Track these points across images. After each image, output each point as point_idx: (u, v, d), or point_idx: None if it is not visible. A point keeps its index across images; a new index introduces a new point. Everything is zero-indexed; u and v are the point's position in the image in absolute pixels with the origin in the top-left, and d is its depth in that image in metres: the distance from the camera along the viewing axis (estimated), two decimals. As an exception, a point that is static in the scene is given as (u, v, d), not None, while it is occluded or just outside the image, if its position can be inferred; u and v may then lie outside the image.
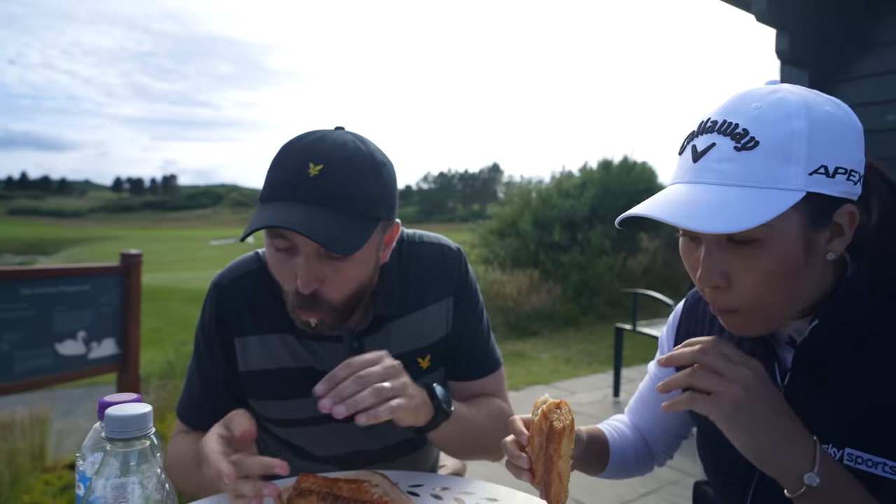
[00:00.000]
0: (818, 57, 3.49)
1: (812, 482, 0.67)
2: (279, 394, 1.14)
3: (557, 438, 0.80)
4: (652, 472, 1.15)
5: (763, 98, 0.72)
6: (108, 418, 0.52)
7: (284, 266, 0.99)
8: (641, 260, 9.69)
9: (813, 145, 0.68)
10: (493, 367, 1.24)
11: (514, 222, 9.95)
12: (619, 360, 4.83)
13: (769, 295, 0.73)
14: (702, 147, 0.73)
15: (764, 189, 0.68)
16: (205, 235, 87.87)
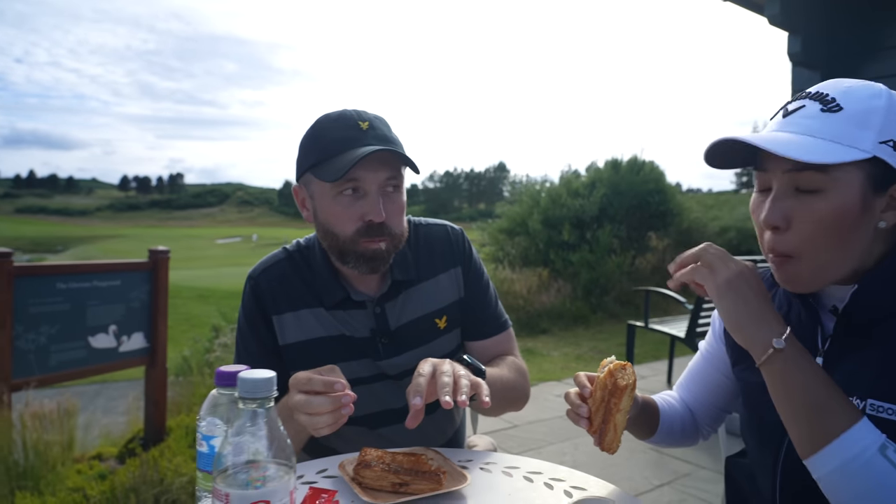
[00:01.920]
0: (829, 59, 3.55)
1: (779, 345, 0.79)
2: (316, 361, 1.24)
3: (619, 394, 0.93)
4: (695, 444, 1.25)
5: (855, 82, 0.86)
6: (241, 380, 0.61)
7: (348, 209, 1.18)
8: (650, 259, 9.75)
9: (888, 121, 0.81)
10: (504, 326, 1.42)
11: (524, 221, 10.02)
12: (632, 357, 4.90)
13: (821, 243, 0.84)
14: (793, 108, 0.87)
15: (838, 144, 0.80)
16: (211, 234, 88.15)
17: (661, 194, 10.02)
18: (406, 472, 0.99)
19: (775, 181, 0.86)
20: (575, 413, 1.00)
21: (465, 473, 1.03)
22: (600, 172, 10.57)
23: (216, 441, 0.69)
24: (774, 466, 0.96)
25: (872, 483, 0.72)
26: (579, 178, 11.00)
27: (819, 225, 0.82)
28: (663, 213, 10.07)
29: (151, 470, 2.54)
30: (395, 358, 1.28)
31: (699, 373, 1.20)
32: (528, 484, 1.04)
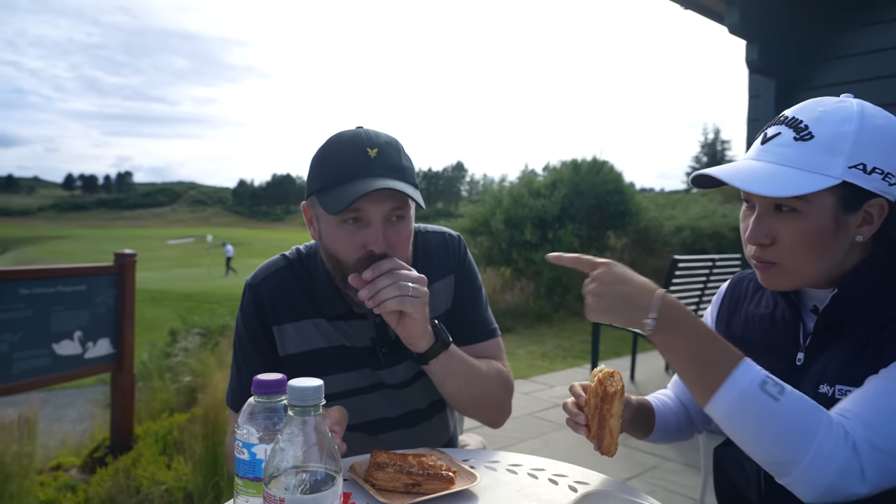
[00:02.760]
0: (784, 67, 3.73)
1: (651, 325, 0.88)
2: (316, 372, 1.24)
3: (610, 400, 0.99)
4: (691, 437, 1.31)
5: (829, 104, 0.92)
6: (291, 389, 0.63)
7: (351, 238, 1.16)
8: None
9: (858, 146, 0.87)
10: (492, 334, 1.41)
11: (486, 221, 10.12)
12: (597, 354, 5.02)
13: (801, 255, 0.92)
14: (771, 134, 0.94)
15: (808, 172, 0.87)
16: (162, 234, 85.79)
17: (619, 195, 10.27)
18: (418, 473, 1.02)
19: (756, 201, 0.95)
20: (573, 422, 1.05)
21: (474, 472, 1.06)
22: (561, 173, 10.76)
23: (257, 448, 0.71)
24: None
25: (757, 414, 0.82)
26: (537, 177, 11.17)
27: (798, 241, 0.91)
28: (622, 212, 10.32)
29: (126, 479, 2.48)
30: (394, 367, 1.29)
31: None
32: (534, 480, 1.09)
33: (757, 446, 0.84)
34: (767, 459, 0.84)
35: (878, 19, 3.46)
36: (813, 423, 0.80)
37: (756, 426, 0.83)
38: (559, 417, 4.28)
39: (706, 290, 4.83)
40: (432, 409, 1.36)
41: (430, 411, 1.36)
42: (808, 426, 0.80)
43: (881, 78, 3.44)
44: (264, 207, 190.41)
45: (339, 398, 1.27)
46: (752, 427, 0.83)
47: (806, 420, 0.80)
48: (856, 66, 3.53)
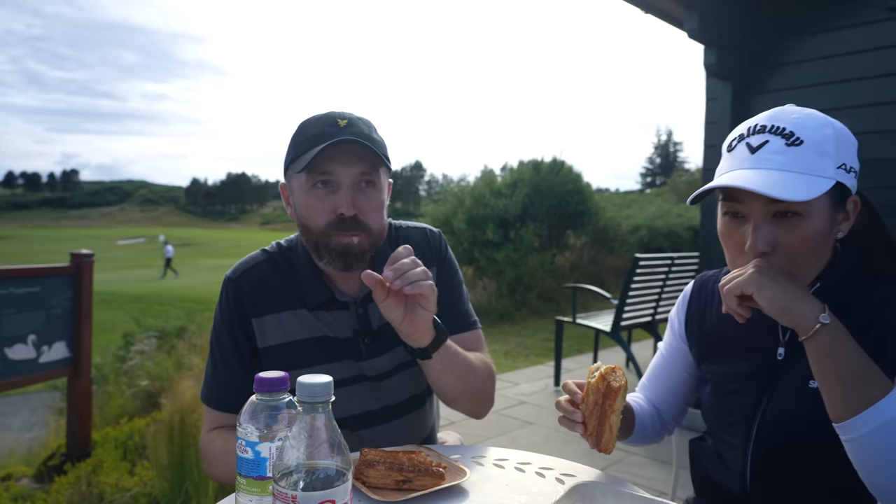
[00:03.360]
0: (740, 71, 3.85)
1: (825, 320, 0.86)
2: (297, 363, 1.26)
3: (613, 395, 0.99)
4: (662, 439, 1.33)
5: (797, 112, 0.96)
6: (300, 385, 0.63)
7: (321, 202, 1.19)
8: (569, 256, 10.15)
9: (839, 147, 0.93)
10: (474, 325, 1.43)
11: (448, 221, 10.16)
12: (560, 352, 5.10)
13: (803, 258, 0.95)
14: (756, 143, 0.95)
15: (809, 175, 0.90)
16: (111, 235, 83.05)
17: (579, 194, 10.45)
18: (409, 470, 1.03)
19: (752, 210, 0.95)
20: (569, 419, 1.04)
21: (464, 467, 1.07)
22: (522, 173, 10.88)
23: (262, 447, 0.70)
24: (745, 445, 1.06)
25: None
26: (503, 178, 11.27)
27: (803, 244, 0.93)
28: (581, 212, 10.50)
29: (87, 487, 2.40)
30: (376, 358, 1.30)
31: (662, 372, 1.29)
32: (521, 474, 1.10)
33: (891, 473, 0.83)
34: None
35: (825, 27, 3.62)
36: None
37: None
38: (524, 415, 4.33)
39: (665, 287, 4.96)
40: (411, 403, 1.37)
41: (409, 406, 1.36)
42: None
43: (829, 83, 3.60)
44: (219, 207, 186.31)
45: None
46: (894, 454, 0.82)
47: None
48: (805, 71, 3.68)
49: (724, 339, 1.14)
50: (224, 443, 1.23)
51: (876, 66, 3.43)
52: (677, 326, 1.26)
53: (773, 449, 1.03)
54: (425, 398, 1.40)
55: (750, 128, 0.98)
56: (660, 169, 72.29)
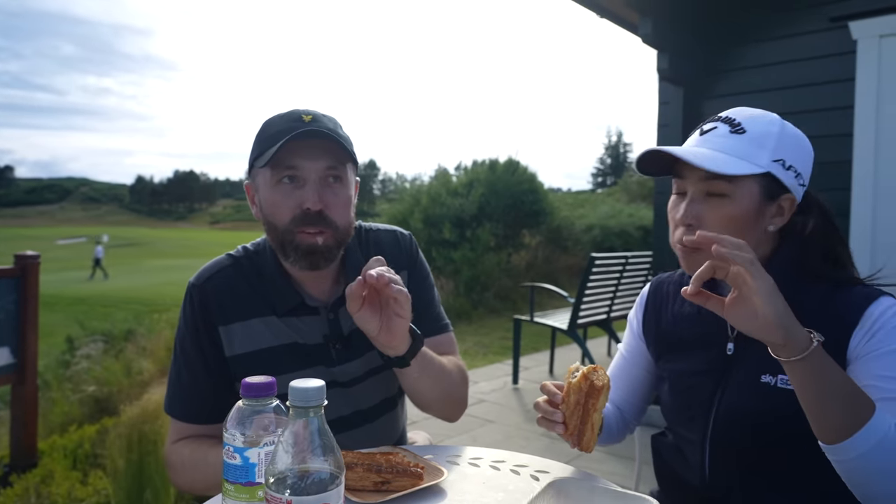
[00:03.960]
0: (691, 76, 3.99)
1: (820, 339, 0.85)
2: (267, 372, 1.20)
3: (596, 394, 1.01)
4: (624, 438, 1.36)
5: (756, 111, 1.06)
6: (293, 389, 0.62)
7: (287, 198, 1.17)
8: (524, 256, 10.28)
9: (780, 144, 1.01)
10: (446, 328, 1.44)
11: (405, 220, 10.15)
12: (518, 350, 5.16)
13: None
14: (708, 128, 1.06)
15: (741, 159, 0.99)
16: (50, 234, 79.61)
17: (534, 194, 10.60)
18: (387, 471, 1.03)
19: (690, 187, 1.04)
20: (548, 420, 1.05)
21: (441, 467, 1.08)
22: (478, 172, 10.97)
23: (250, 452, 0.70)
24: (703, 440, 1.11)
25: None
26: (450, 176, 11.32)
27: (723, 223, 1.00)
28: (536, 212, 10.65)
29: (36, 499, 2.31)
30: (347, 364, 1.28)
31: (623, 373, 1.33)
32: (496, 472, 1.12)
33: (890, 486, 0.85)
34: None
35: (770, 36, 3.78)
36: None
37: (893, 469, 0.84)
38: (484, 413, 4.37)
39: (620, 285, 5.08)
40: (382, 407, 1.36)
41: (380, 409, 1.36)
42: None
43: (773, 90, 3.76)
44: (166, 206, 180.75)
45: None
46: (891, 469, 0.84)
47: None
48: (752, 77, 3.84)
49: (679, 337, 1.19)
50: (192, 453, 1.20)
51: (818, 74, 3.61)
52: (636, 326, 1.30)
53: (729, 442, 1.08)
54: (396, 401, 1.40)
55: (712, 117, 1.08)
56: (610, 169, 73.90)
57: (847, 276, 1.04)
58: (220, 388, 1.23)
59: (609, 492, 0.99)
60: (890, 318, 0.95)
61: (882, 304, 0.97)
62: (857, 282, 1.03)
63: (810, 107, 3.64)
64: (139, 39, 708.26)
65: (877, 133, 3.43)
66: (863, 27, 3.44)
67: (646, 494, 0.97)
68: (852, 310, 0.98)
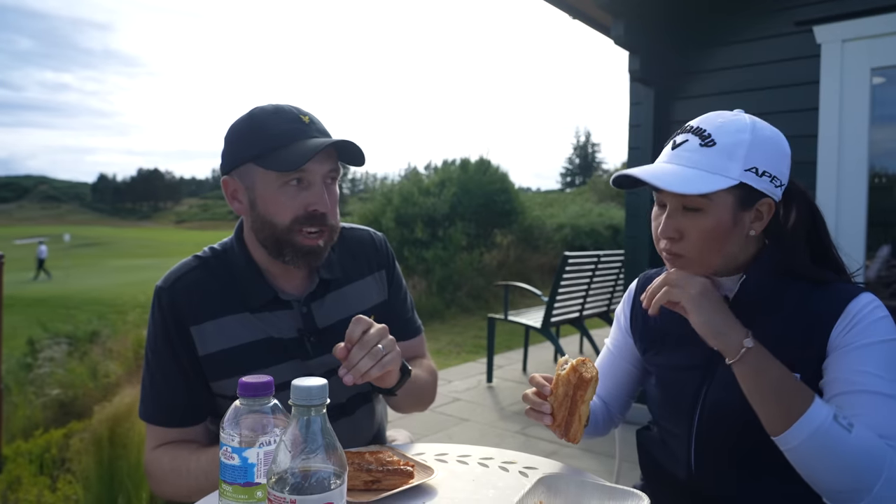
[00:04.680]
0: (662, 78, 4.05)
1: (749, 344, 0.95)
2: (242, 368, 1.22)
3: (585, 386, 1.02)
4: (609, 432, 1.38)
5: (728, 116, 1.05)
6: (295, 388, 0.62)
7: (293, 199, 1.18)
8: (496, 255, 10.32)
9: (751, 152, 1.00)
10: (419, 331, 1.50)
11: (377, 219, 10.11)
12: (492, 348, 5.19)
13: (705, 248, 1.04)
14: (680, 141, 1.05)
15: (712, 174, 0.99)
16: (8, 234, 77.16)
17: (506, 194, 10.66)
18: (377, 470, 1.03)
19: (668, 200, 1.06)
20: (536, 411, 1.07)
21: (430, 465, 1.08)
22: (450, 172, 10.98)
23: (249, 453, 0.68)
24: (689, 434, 1.14)
25: (832, 445, 0.90)
26: (420, 175, 11.32)
27: (703, 235, 1.03)
28: (508, 211, 10.71)
29: (3, 505, 2.23)
30: (322, 357, 1.28)
31: (610, 367, 1.35)
32: (486, 469, 1.13)
33: (829, 475, 0.91)
34: (839, 487, 0.91)
35: (739, 38, 3.87)
36: (880, 454, 0.89)
37: (830, 456, 0.89)
38: (459, 411, 4.38)
39: (592, 283, 5.14)
40: (358, 400, 1.37)
41: (356, 403, 1.37)
42: (877, 457, 0.88)
43: (742, 91, 3.85)
44: (129, 205, 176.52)
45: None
46: (827, 457, 0.90)
47: (875, 451, 0.88)
48: (721, 79, 3.92)
49: (665, 332, 1.21)
50: (172, 461, 1.18)
51: (784, 76, 3.71)
52: (623, 321, 1.32)
53: (714, 436, 1.10)
54: (372, 395, 1.41)
55: (684, 127, 1.08)
56: (579, 169, 74.72)
57: (830, 274, 1.07)
58: (196, 389, 1.23)
59: (599, 486, 1.00)
60: (868, 314, 0.98)
61: (862, 300, 1.00)
62: (838, 279, 1.06)
63: (777, 108, 3.73)
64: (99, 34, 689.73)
65: (840, 134, 3.54)
66: (826, 31, 3.55)
67: (634, 489, 0.98)
68: (833, 306, 1.01)
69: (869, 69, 3.49)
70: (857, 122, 3.51)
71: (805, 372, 1.01)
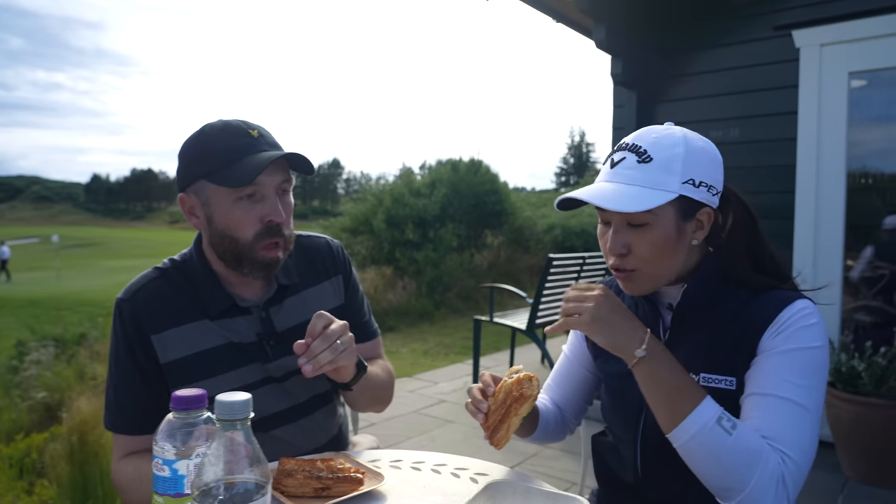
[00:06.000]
0: (644, 81, 4.08)
1: (641, 354, 1.00)
2: (204, 373, 1.26)
3: (521, 402, 1.06)
4: (562, 439, 1.40)
5: (660, 131, 1.07)
6: (219, 403, 0.63)
7: (248, 213, 1.21)
8: (487, 256, 10.35)
9: (687, 165, 1.03)
10: (375, 334, 1.55)
11: (368, 220, 10.11)
12: (478, 350, 5.20)
13: (653, 261, 1.06)
14: (618, 159, 1.07)
15: (652, 189, 1.02)
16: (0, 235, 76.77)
17: (496, 195, 10.68)
18: (327, 477, 1.04)
19: (612, 218, 1.08)
20: (475, 406, 1.12)
21: (381, 472, 1.10)
22: (441, 172, 10.99)
23: (179, 465, 0.70)
24: (635, 439, 1.16)
25: (713, 445, 0.94)
26: (414, 175, 11.33)
27: (651, 249, 1.05)
28: (499, 212, 10.73)
29: (-22, 509, 2.24)
30: (282, 359, 1.31)
31: (565, 373, 1.38)
32: (437, 475, 1.15)
33: (708, 472, 0.96)
34: (717, 484, 0.96)
35: (719, 42, 3.90)
36: (756, 457, 0.92)
37: (710, 456, 0.94)
38: (444, 414, 4.40)
39: (577, 285, 5.16)
40: (317, 401, 1.40)
41: (314, 404, 1.39)
42: (753, 459, 0.92)
43: (722, 94, 3.88)
44: (122, 205, 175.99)
45: None
46: (707, 456, 0.95)
47: (751, 454, 0.93)
48: (702, 82, 3.96)
49: None
50: (136, 470, 1.21)
51: (764, 80, 3.74)
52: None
53: (659, 442, 1.12)
54: (332, 397, 1.44)
55: (619, 144, 1.10)
56: (573, 168, 74.93)
57: (772, 280, 1.09)
58: (159, 398, 1.24)
59: (543, 493, 1.02)
60: (797, 320, 1.01)
61: (795, 307, 1.02)
62: (779, 286, 1.09)
63: (757, 112, 3.77)
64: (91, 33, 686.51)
65: (818, 137, 3.58)
66: (805, 36, 3.58)
67: (577, 495, 1.00)
68: (767, 312, 1.03)
69: (847, 73, 3.53)
70: (835, 125, 3.55)
71: (739, 376, 1.04)
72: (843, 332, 3.45)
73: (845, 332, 3.47)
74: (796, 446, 0.95)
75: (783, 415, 0.97)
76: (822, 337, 1.01)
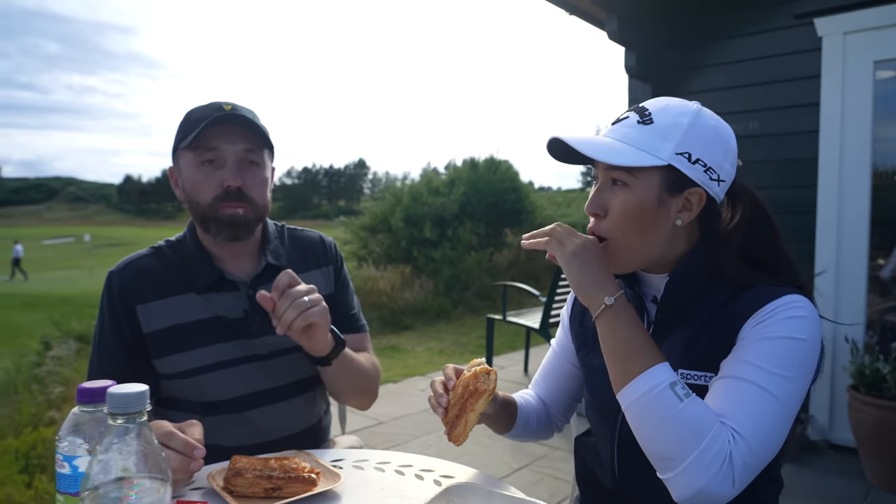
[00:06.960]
0: (659, 73, 3.97)
1: (609, 302, 0.95)
2: (186, 345, 1.29)
3: (477, 396, 1.00)
4: (550, 437, 1.34)
5: (676, 101, 1.01)
6: (111, 396, 0.58)
7: (209, 178, 1.27)
8: (507, 254, 10.24)
9: (687, 137, 0.96)
10: (363, 329, 1.54)
11: (386, 219, 10.09)
12: (491, 349, 5.13)
13: (627, 228, 0.99)
14: (621, 117, 1.03)
15: (642, 150, 0.96)
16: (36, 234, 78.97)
17: (516, 193, 10.56)
18: (279, 477, 0.99)
19: (600, 174, 1.02)
20: (436, 400, 1.07)
21: (338, 472, 1.05)
22: (460, 171, 10.91)
23: (80, 461, 0.65)
24: (612, 438, 1.09)
25: (659, 410, 0.88)
26: (439, 175, 11.28)
27: (624, 212, 0.98)
28: (518, 210, 10.61)
29: (-25, 502, 2.25)
30: (267, 336, 1.33)
31: (552, 367, 1.32)
32: (400, 477, 1.09)
33: (651, 438, 0.90)
34: (656, 453, 0.89)
35: (738, 33, 3.76)
36: (703, 429, 0.85)
37: (655, 420, 0.88)
38: (454, 412, 4.34)
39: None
40: (300, 385, 1.40)
41: (297, 387, 1.39)
42: (699, 430, 0.85)
43: (740, 87, 3.75)
44: (154, 205, 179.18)
45: (212, 370, 1.29)
46: (652, 420, 0.89)
47: (699, 425, 0.85)
48: (720, 74, 3.82)
49: (595, 332, 1.16)
50: None
51: (785, 70, 3.60)
52: (566, 318, 1.30)
53: (635, 441, 1.05)
54: (314, 385, 1.43)
55: (633, 106, 1.04)
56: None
57: (761, 276, 1.01)
58: (140, 371, 1.28)
59: (505, 497, 0.96)
60: (783, 310, 0.93)
61: (782, 300, 0.94)
62: (767, 281, 1.00)
63: (778, 104, 3.63)
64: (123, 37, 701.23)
65: (842, 129, 3.42)
66: (828, 24, 3.43)
67: (540, 501, 0.93)
68: (752, 305, 0.95)
69: (872, 62, 3.37)
70: (859, 117, 3.39)
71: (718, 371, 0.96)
72: (867, 334, 3.30)
73: (870, 332, 3.31)
74: (750, 426, 0.86)
75: (744, 396, 0.89)
76: (810, 332, 0.92)
